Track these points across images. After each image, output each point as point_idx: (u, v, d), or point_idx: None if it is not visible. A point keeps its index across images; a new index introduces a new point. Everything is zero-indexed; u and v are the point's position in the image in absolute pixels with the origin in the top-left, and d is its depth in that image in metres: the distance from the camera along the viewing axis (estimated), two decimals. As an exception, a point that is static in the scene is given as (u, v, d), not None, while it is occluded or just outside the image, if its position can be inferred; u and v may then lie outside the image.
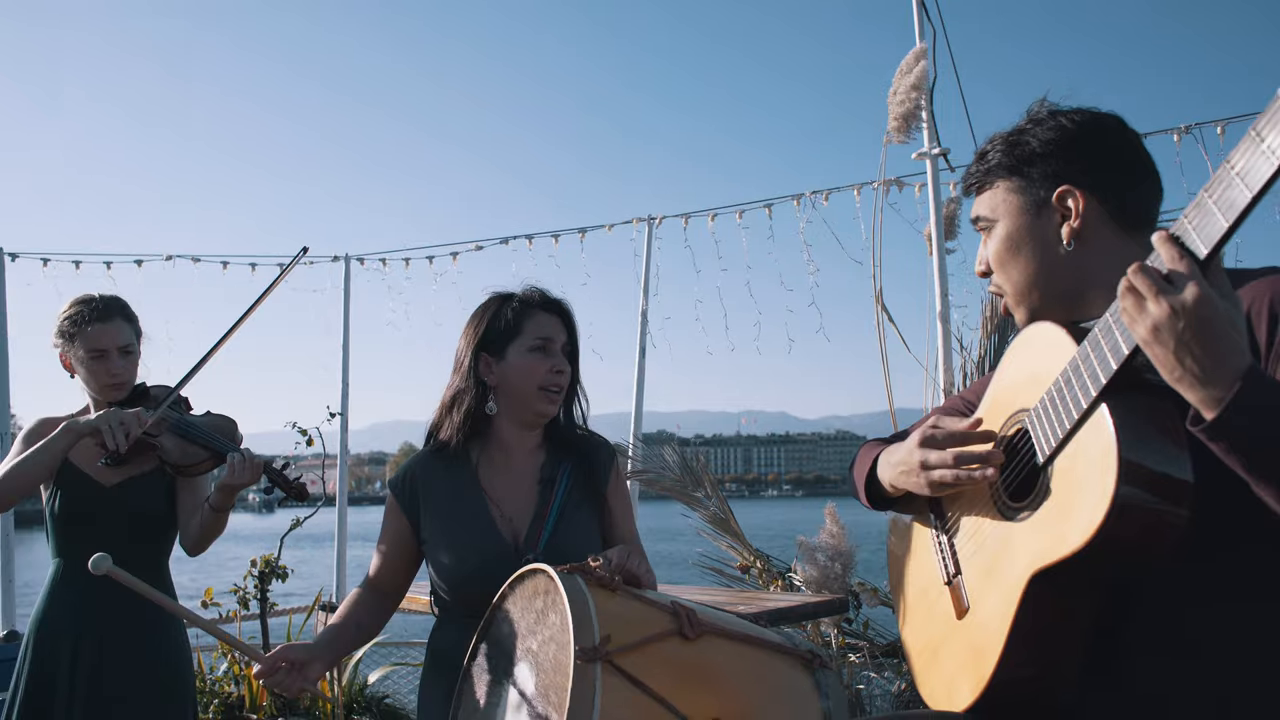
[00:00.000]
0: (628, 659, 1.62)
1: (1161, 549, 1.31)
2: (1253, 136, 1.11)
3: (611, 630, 1.62)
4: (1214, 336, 1.17)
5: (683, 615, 1.73)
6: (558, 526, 2.24)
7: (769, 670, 1.79)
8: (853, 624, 4.09)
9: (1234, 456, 1.20)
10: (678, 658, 1.70)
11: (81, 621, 2.72)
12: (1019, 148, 1.60)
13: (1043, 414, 1.45)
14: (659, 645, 1.68)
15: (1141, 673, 1.43)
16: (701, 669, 1.72)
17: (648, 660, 1.65)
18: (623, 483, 2.45)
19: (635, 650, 1.63)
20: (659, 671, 1.65)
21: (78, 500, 2.76)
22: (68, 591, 2.75)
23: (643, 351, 5.17)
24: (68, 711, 2.67)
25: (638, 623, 1.70)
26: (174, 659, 2.84)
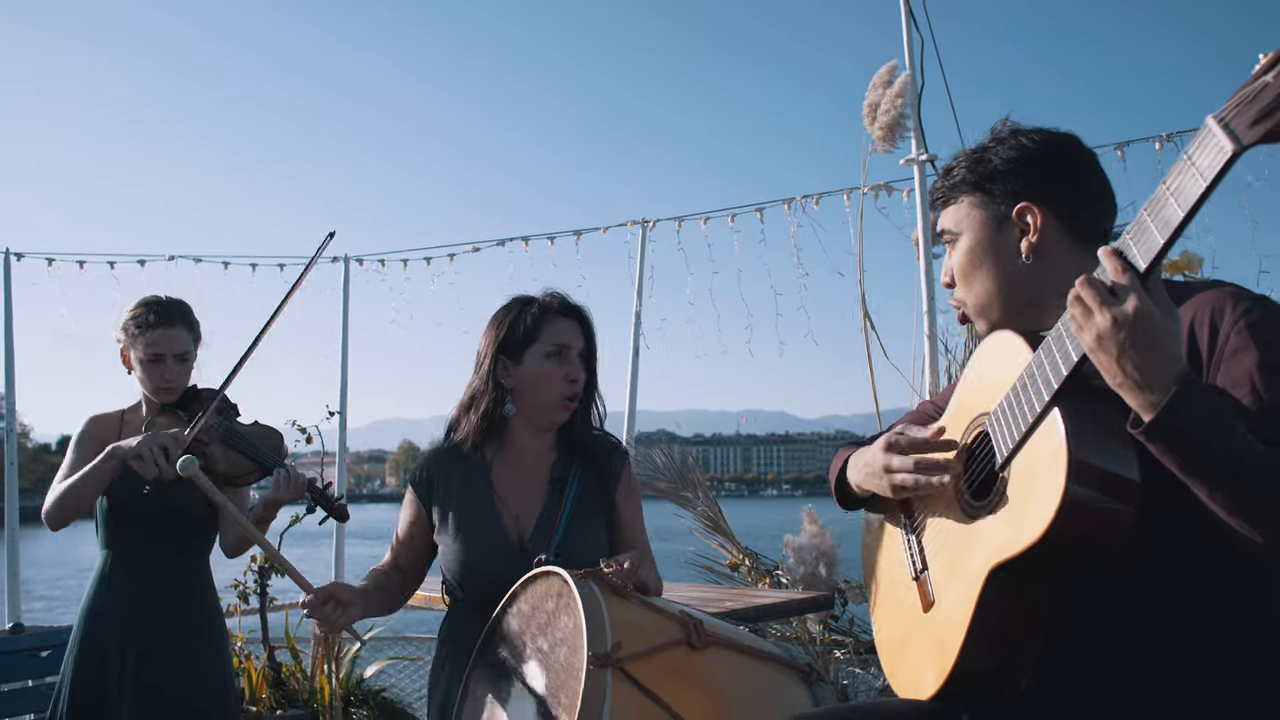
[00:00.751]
0: (637, 666, 1.67)
1: (1111, 544, 1.39)
2: (1185, 160, 1.19)
3: (623, 637, 1.68)
4: (1152, 345, 1.25)
5: (691, 626, 1.79)
6: (569, 529, 2.29)
7: (769, 683, 1.85)
8: (838, 620, 4.18)
9: (1170, 457, 1.28)
10: (685, 667, 1.76)
11: (130, 610, 2.84)
12: (982, 165, 1.68)
13: (1001, 418, 1.53)
14: (668, 654, 1.75)
15: (1092, 660, 1.52)
16: (706, 679, 1.78)
17: (656, 668, 1.71)
18: (634, 486, 2.46)
19: (645, 658, 1.69)
20: (666, 679, 1.71)
21: (127, 499, 2.85)
22: (116, 582, 2.87)
23: (636, 352, 5.27)
24: (119, 695, 2.78)
25: (648, 631, 1.76)
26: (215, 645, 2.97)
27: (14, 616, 5.12)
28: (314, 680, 4.39)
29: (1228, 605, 1.42)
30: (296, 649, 4.56)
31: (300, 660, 4.51)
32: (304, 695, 4.32)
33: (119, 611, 2.85)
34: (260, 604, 4.35)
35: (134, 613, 2.84)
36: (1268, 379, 1.37)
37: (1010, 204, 1.64)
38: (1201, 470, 1.27)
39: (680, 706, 1.68)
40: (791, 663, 1.89)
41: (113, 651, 2.81)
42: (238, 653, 4.35)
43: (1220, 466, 1.26)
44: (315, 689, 4.34)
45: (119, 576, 2.88)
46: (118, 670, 2.80)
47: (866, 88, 4.25)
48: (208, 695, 2.91)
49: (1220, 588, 1.43)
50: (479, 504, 2.34)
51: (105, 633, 2.84)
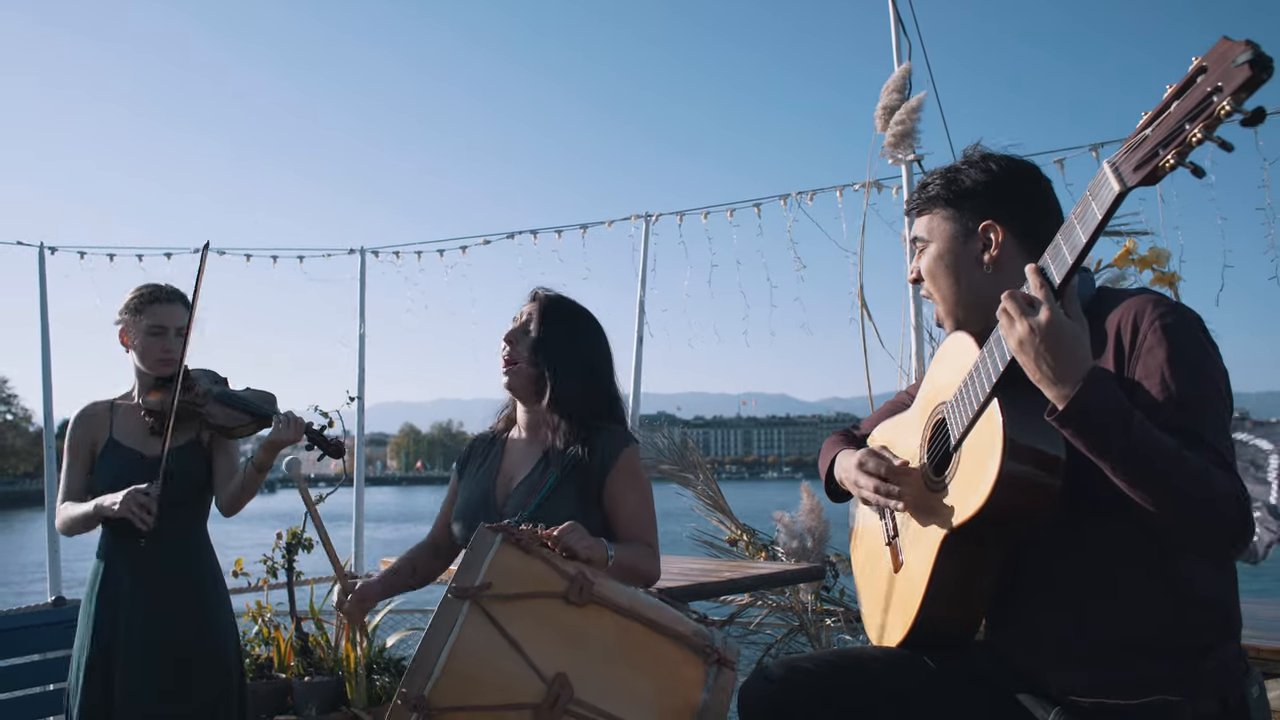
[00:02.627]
0: (499, 606, 1.80)
1: (1043, 510, 1.66)
2: (1087, 196, 1.46)
3: (495, 579, 1.81)
4: (1062, 349, 1.52)
5: (578, 583, 1.89)
6: (546, 499, 2.41)
7: (651, 651, 1.92)
8: (830, 591, 4.45)
9: (1078, 440, 1.55)
10: (554, 617, 1.87)
11: (134, 580, 3.01)
12: (955, 184, 1.92)
13: (955, 406, 1.80)
14: (539, 602, 1.86)
15: (1027, 610, 1.79)
16: (574, 631, 1.87)
17: (520, 611, 1.82)
18: (631, 471, 2.47)
19: (511, 601, 1.82)
20: (526, 622, 1.82)
21: (125, 472, 3.02)
22: (119, 555, 3.03)
23: (640, 340, 5.53)
24: (125, 663, 2.95)
25: (527, 579, 1.87)
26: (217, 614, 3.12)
27: (55, 590, 5.40)
28: (338, 650, 4.67)
29: (1132, 559, 1.69)
30: (321, 620, 4.83)
31: (325, 631, 4.78)
32: (329, 663, 4.59)
33: (122, 579, 3.01)
34: (288, 578, 4.61)
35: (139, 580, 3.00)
36: (1174, 373, 1.63)
37: (976, 220, 1.88)
38: (1103, 452, 1.54)
39: (532, 649, 1.78)
40: (697, 643, 1.93)
41: (120, 624, 2.97)
42: (267, 624, 4.61)
43: (1118, 449, 1.53)
44: (339, 658, 4.61)
45: (120, 545, 3.03)
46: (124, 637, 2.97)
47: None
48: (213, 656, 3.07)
49: (1127, 546, 1.69)
50: (486, 473, 2.58)
51: (114, 604, 2.99)
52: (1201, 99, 1.27)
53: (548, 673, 1.79)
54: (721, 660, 1.90)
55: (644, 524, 2.46)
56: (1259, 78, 1.21)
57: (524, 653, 1.79)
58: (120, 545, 3.05)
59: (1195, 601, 1.69)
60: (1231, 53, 1.24)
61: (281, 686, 4.40)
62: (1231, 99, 1.23)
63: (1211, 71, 1.27)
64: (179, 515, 3.09)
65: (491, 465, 2.59)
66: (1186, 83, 1.31)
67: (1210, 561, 1.71)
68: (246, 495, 3.16)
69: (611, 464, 2.43)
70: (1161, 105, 1.34)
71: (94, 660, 2.99)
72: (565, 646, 1.85)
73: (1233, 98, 1.23)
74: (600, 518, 2.43)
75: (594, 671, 1.84)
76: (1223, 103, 1.24)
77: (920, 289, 2.02)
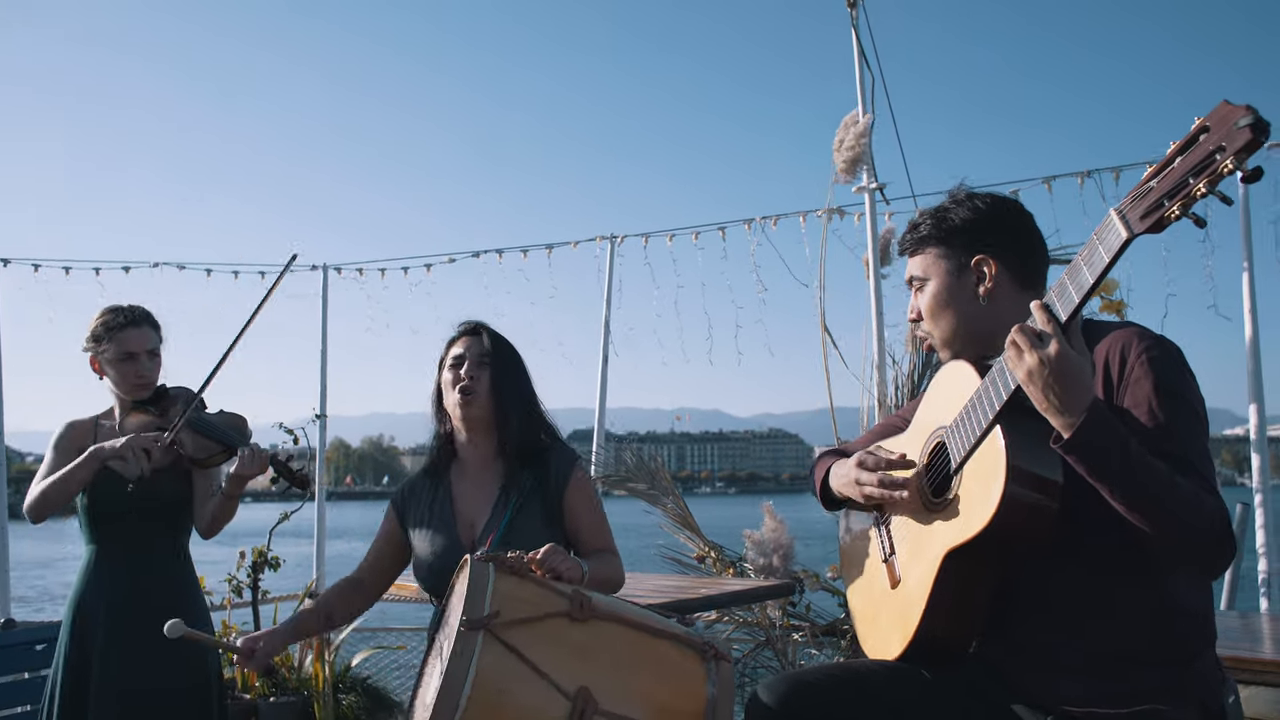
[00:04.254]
0: (512, 631, 1.88)
1: (1042, 532, 1.77)
2: (1094, 239, 1.58)
3: (502, 607, 1.89)
4: (1069, 380, 1.63)
5: (577, 601, 1.99)
6: (510, 527, 2.50)
7: (656, 654, 2.01)
8: (796, 606, 4.55)
9: (1081, 466, 1.67)
10: (564, 636, 1.94)
11: (116, 602, 2.98)
12: (944, 223, 2.03)
13: (956, 430, 1.90)
14: (547, 623, 1.94)
15: (1022, 624, 1.90)
16: (585, 646, 1.95)
17: (532, 634, 1.90)
18: (584, 486, 2.62)
19: (522, 625, 1.90)
20: (540, 645, 1.90)
21: (108, 496, 3.01)
22: (102, 575, 3.02)
23: (605, 359, 5.61)
24: (103, 685, 2.92)
25: (531, 603, 1.96)
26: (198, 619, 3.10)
27: (4, 612, 5.26)
28: (302, 670, 4.65)
29: (1126, 576, 1.81)
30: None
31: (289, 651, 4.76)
32: (294, 683, 4.57)
33: (105, 603, 2.99)
34: (253, 597, 4.59)
35: (119, 603, 2.98)
36: (1161, 402, 1.76)
37: (969, 256, 1.99)
38: (1104, 477, 1.65)
39: (551, 669, 1.86)
40: (692, 641, 2.03)
41: (99, 642, 2.95)
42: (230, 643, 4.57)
43: (1118, 475, 1.64)
44: (304, 678, 4.59)
45: (103, 569, 3.02)
46: (103, 660, 2.94)
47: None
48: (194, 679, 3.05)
49: (1120, 564, 1.81)
50: (439, 512, 2.61)
51: (93, 624, 2.98)
52: (1205, 156, 1.39)
53: (569, 689, 1.86)
54: (718, 655, 2.01)
55: (603, 533, 2.61)
56: (1259, 140, 1.34)
57: (544, 674, 1.86)
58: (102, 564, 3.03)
59: (1181, 613, 1.81)
60: (1233, 116, 1.36)
61: (247, 707, 4.37)
62: (1234, 158, 1.35)
63: (1214, 131, 1.39)
64: (162, 538, 3.09)
65: (443, 512, 2.62)
66: (1190, 140, 1.43)
67: (1194, 575, 1.83)
68: (222, 521, 3.15)
69: (566, 483, 2.57)
70: (1166, 159, 1.46)
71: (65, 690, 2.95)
72: (579, 662, 1.92)
73: (1235, 157, 1.35)
74: (562, 534, 2.55)
75: (610, 681, 1.92)
76: (1225, 161, 1.36)
77: (919, 327, 2.12)
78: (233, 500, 3.10)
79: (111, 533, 3.05)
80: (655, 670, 1.98)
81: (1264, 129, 1.34)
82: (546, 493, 2.56)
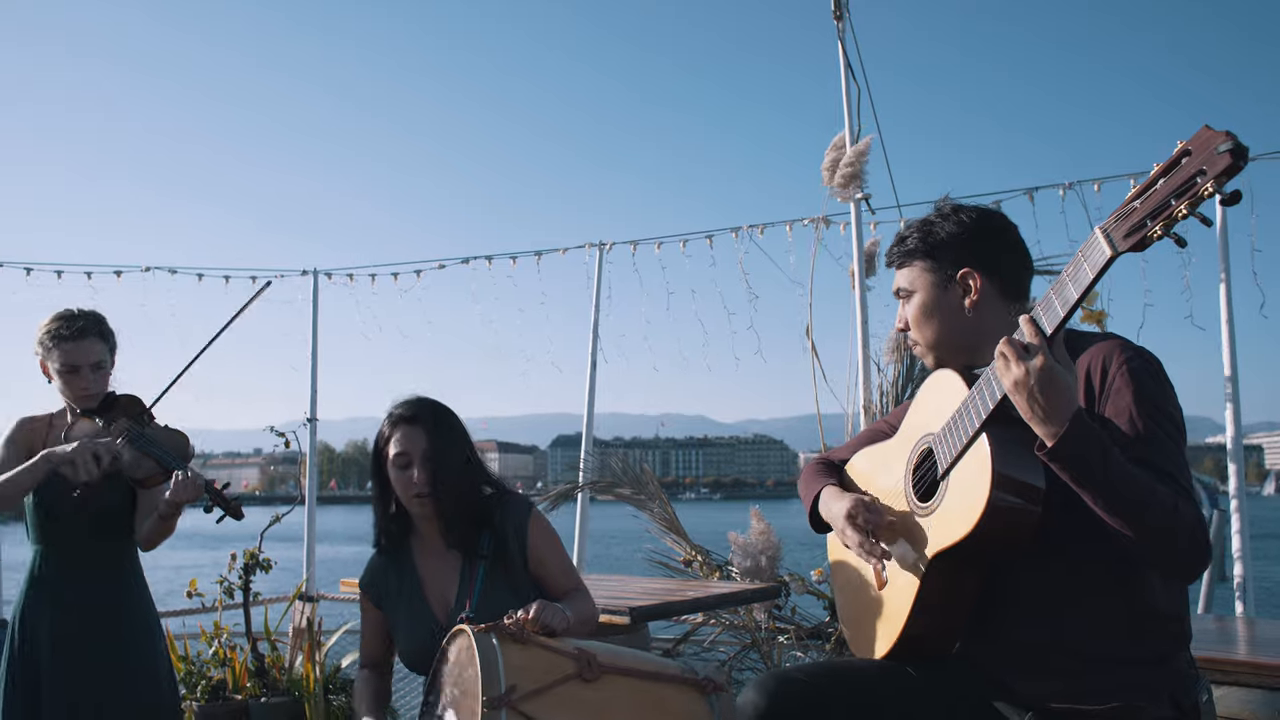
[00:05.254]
0: (531, 703, 1.95)
1: (1025, 536, 1.84)
2: (1079, 256, 1.65)
3: (517, 680, 1.96)
4: (1054, 391, 1.70)
5: (584, 660, 2.06)
6: (483, 592, 2.52)
7: (664, 701, 2.10)
8: (782, 610, 4.62)
9: (1065, 473, 1.73)
10: (579, 698, 2.02)
11: (60, 602, 2.98)
12: (931, 236, 2.09)
13: (944, 437, 1.96)
14: (561, 689, 2.01)
15: (1003, 624, 1.96)
16: (600, 706, 2.03)
17: (550, 702, 1.98)
18: (542, 528, 2.65)
19: (538, 695, 1.97)
20: (559, 711, 1.97)
21: (53, 498, 2.98)
22: (46, 576, 3.02)
23: (594, 365, 5.66)
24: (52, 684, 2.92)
25: (542, 671, 2.02)
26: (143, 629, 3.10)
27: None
28: (293, 670, 4.68)
29: (1104, 579, 1.88)
30: (276, 642, 4.83)
31: (280, 652, 4.79)
32: (285, 684, 4.60)
33: (51, 605, 2.98)
34: (244, 599, 4.61)
35: (65, 606, 2.97)
36: (1141, 412, 1.83)
37: (955, 269, 2.05)
38: (1086, 483, 1.72)
39: None
40: (690, 679, 2.12)
41: (45, 644, 2.95)
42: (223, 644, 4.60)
43: (1099, 483, 1.71)
44: (295, 679, 4.62)
45: (49, 571, 3.02)
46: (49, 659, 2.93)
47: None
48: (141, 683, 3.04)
49: (1099, 567, 1.88)
50: (410, 595, 2.62)
51: (38, 626, 2.97)
52: (1187, 179, 1.46)
53: None
54: (716, 687, 2.11)
55: (570, 571, 2.66)
56: (1238, 165, 1.41)
57: None
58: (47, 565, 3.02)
59: (1156, 615, 1.88)
60: (1214, 141, 1.43)
61: (238, 708, 4.40)
62: (1214, 182, 1.42)
63: (1195, 155, 1.46)
64: (105, 544, 3.08)
65: (413, 594, 2.63)
66: (1172, 163, 1.49)
67: (1171, 580, 1.91)
68: (160, 538, 3.11)
69: (526, 533, 2.60)
70: (1149, 181, 1.53)
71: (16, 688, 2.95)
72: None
73: (1215, 180, 1.42)
74: (530, 583, 2.59)
75: None
76: (1206, 184, 1.43)
77: (908, 337, 2.18)
78: (168, 521, 3.05)
79: (58, 535, 3.04)
80: (663, 717, 2.08)
81: (1243, 154, 1.41)
82: (508, 550, 2.59)
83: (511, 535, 2.59)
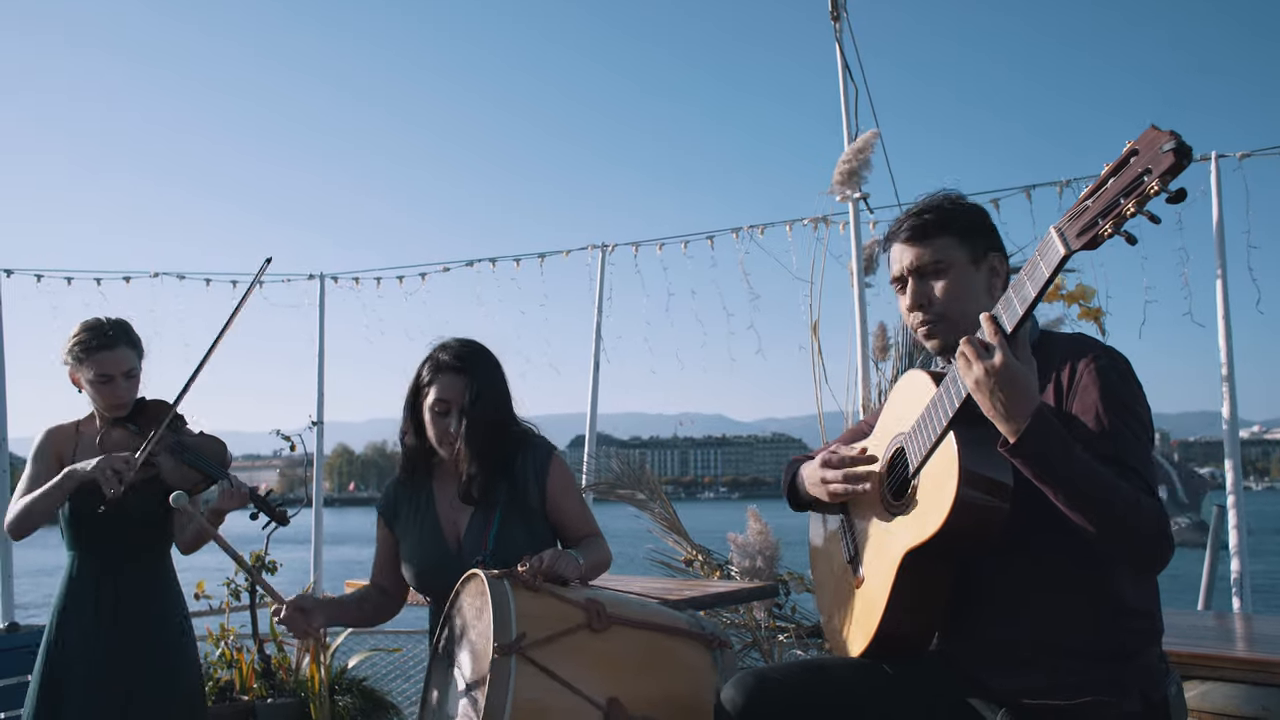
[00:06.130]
0: (540, 651, 2.02)
1: (993, 532, 1.86)
2: (1036, 256, 1.66)
3: (528, 628, 2.03)
4: (1013, 389, 1.71)
5: (593, 610, 2.13)
6: (500, 532, 2.55)
7: (670, 653, 2.18)
8: (782, 608, 4.64)
9: (1027, 469, 1.76)
10: (587, 647, 2.09)
11: (96, 608, 3.02)
12: (958, 217, 2.05)
13: (913, 436, 1.99)
14: (570, 637, 2.08)
15: (976, 619, 1.98)
16: (607, 655, 2.11)
17: (559, 651, 2.05)
18: (562, 472, 2.65)
19: (548, 643, 2.04)
20: (568, 660, 2.04)
21: (86, 507, 3.01)
22: (83, 582, 3.05)
23: (596, 366, 5.70)
24: (84, 690, 2.96)
25: (552, 619, 2.09)
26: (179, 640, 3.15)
27: (8, 616, 5.35)
28: (299, 671, 4.73)
29: (1073, 576, 1.90)
30: (282, 643, 4.89)
31: (287, 654, 4.85)
32: (290, 685, 4.66)
33: (86, 611, 3.02)
34: (250, 601, 4.65)
35: (99, 612, 3.01)
36: (1107, 409, 1.85)
37: (983, 251, 2.04)
38: (1048, 479, 1.75)
39: (581, 682, 2.02)
40: (698, 633, 2.20)
41: (79, 651, 2.99)
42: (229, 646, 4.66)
43: (1061, 478, 1.73)
44: (301, 679, 4.67)
45: (84, 577, 3.05)
46: (84, 665, 2.97)
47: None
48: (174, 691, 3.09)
49: (1068, 564, 1.90)
50: (424, 520, 2.66)
51: (71, 633, 3.01)
52: (1134, 178, 1.47)
53: (601, 700, 2.02)
54: (720, 643, 2.20)
55: (587, 518, 2.68)
56: (1181, 164, 1.42)
57: (576, 689, 2.01)
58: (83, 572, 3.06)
59: (1126, 611, 1.90)
60: (1159, 140, 1.45)
61: (244, 709, 4.46)
62: (1159, 180, 1.44)
63: (1142, 155, 1.48)
64: (141, 550, 3.11)
65: (428, 520, 2.66)
66: (1121, 163, 1.51)
67: (1137, 575, 1.92)
68: (201, 543, 3.15)
69: (545, 477, 2.62)
70: (1100, 180, 1.54)
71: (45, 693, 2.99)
72: (604, 671, 2.08)
73: (1160, 179, 1.43)
74: (547, 526, 2.63)
75: (635, 687, 2.08)
76: (1152, 183, 1.45)
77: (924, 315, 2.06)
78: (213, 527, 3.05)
79: (91, 543, 3.07)
80: (672, 669, 2.16)
81: (1186, 153, 1.43)
82: (526, 492, 2.60)
83: (532, 479, 2.60)
